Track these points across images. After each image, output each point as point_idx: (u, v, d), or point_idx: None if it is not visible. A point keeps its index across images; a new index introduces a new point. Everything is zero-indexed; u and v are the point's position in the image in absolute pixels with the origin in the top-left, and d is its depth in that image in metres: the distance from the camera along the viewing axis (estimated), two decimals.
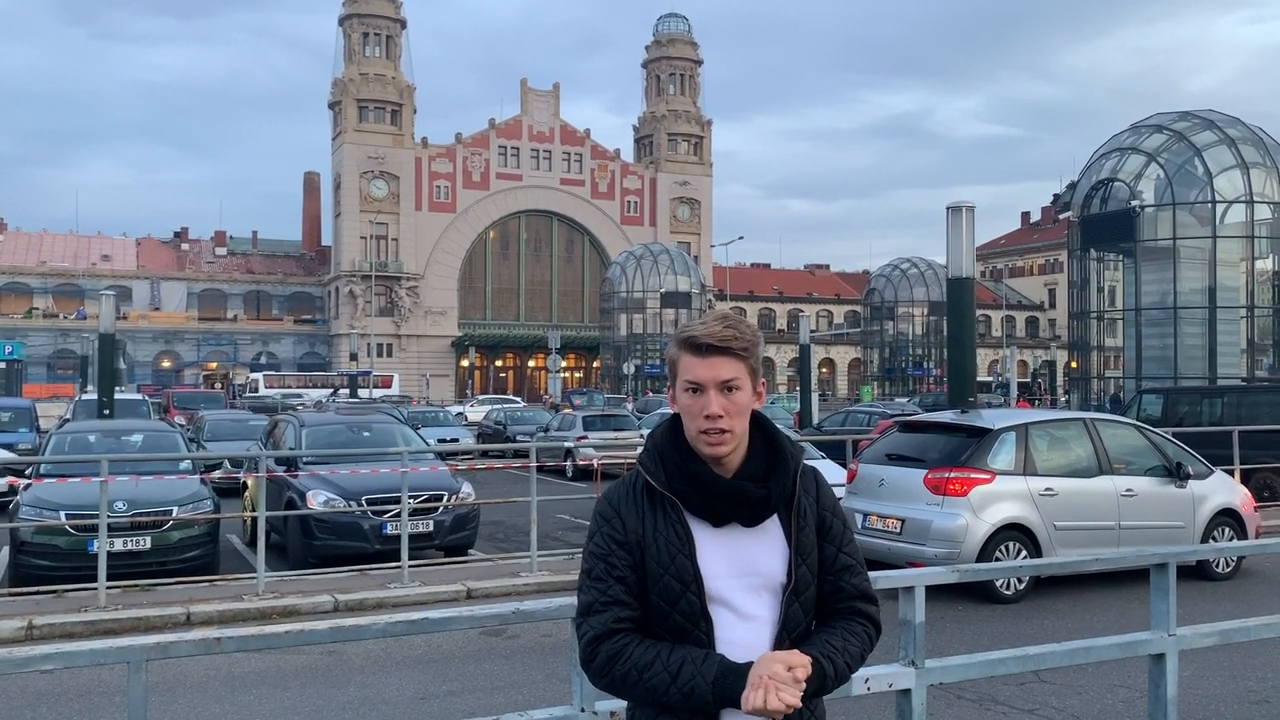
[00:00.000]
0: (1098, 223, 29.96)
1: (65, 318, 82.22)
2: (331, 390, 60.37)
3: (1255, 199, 27.48)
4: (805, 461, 2.36)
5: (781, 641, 2.20)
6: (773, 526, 2.26)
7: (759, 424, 2.30)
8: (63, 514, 10.53)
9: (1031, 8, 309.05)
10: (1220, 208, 27.68)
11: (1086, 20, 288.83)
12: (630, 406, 39.71)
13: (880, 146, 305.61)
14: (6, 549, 11.49)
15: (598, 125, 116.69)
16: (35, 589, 10.13)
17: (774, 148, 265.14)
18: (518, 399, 62.92)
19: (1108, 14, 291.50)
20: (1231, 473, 13.50)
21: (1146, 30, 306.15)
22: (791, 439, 2.37)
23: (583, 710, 3.30)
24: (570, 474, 23.47)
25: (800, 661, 2.07)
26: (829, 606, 2.31)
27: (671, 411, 2.33)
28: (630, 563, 2.23)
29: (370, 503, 11.76)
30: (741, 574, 2.22)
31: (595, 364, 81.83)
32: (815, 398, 35.42)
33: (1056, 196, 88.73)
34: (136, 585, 10.29)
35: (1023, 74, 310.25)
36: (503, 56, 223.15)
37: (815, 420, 30.08)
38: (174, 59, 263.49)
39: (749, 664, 2.10)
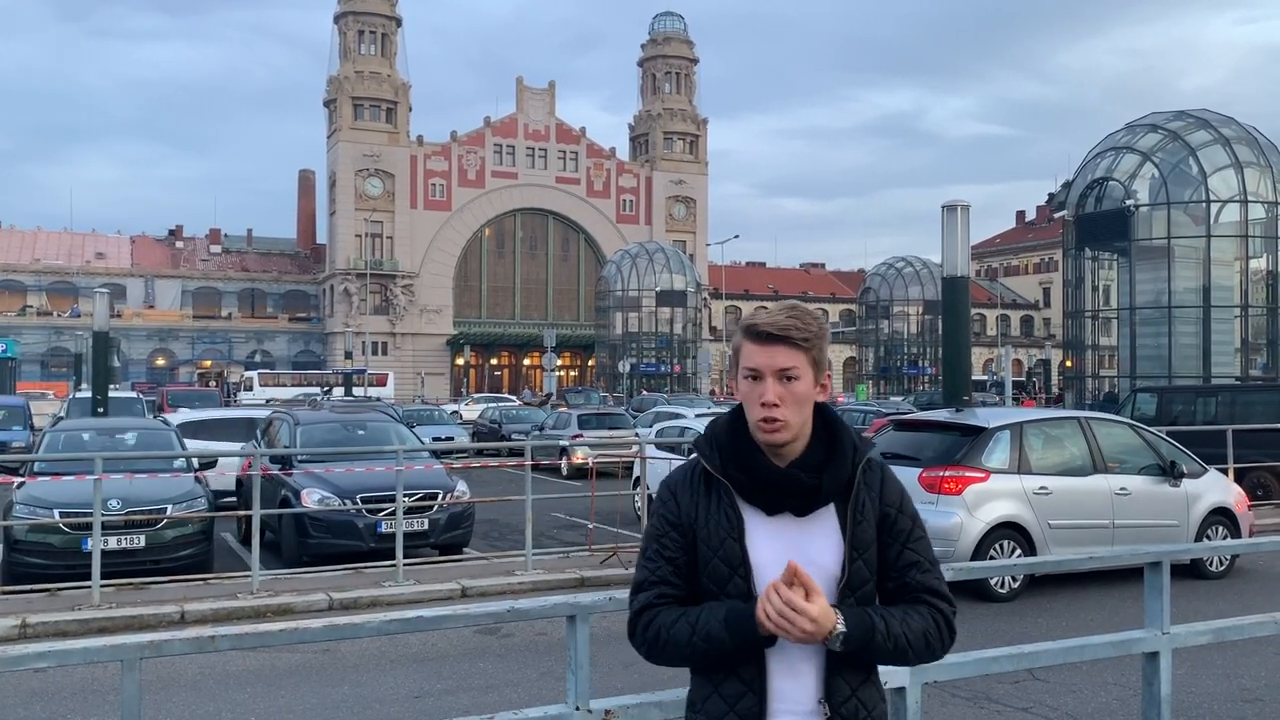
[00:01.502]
0: (1092, 222, 30.02)
1: (59, 315, 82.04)
2: (323, 390, 59.52)
3: (1249, 198, 27.54)
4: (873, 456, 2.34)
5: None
6: (829, 519, 2.25)
7: (823, 417, 2.30)
8: (56, 512, 10.51)
9: (1025, 7, 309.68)
10: (1215, 207, 27.73)
11: (1080, 20, 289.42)
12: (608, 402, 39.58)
13: (875, 145, 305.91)
14: (0, 547, 11.47)
15: (592, 123, 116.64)
16: (29, 587, 10.11)
17: (769, 146, 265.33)
18: (513, 397, 62.90)
19: (1101, 14, 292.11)
20: (1225, 472, 13.55)
21: (1139, 30, 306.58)
22: (859, 434, 2.35)
23: (577, 708, 3.29)
24: (565, 473, 23.47)
25: (808, 581, 2.08)
26: (893, 602, 2.27)
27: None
28: (682, 544, 2.28)
29: (365, 501, 11.75)
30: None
31: (590, 362, 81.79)
32: None
33: (1051, 196, 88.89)
34: (131, 584, 10.28)
35: (1016, 73, 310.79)
36: (497, 54, 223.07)
37: None
38: (167, 56, 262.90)
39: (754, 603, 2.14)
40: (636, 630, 2.27)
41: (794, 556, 2.20)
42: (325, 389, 59.47)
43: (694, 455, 2.36)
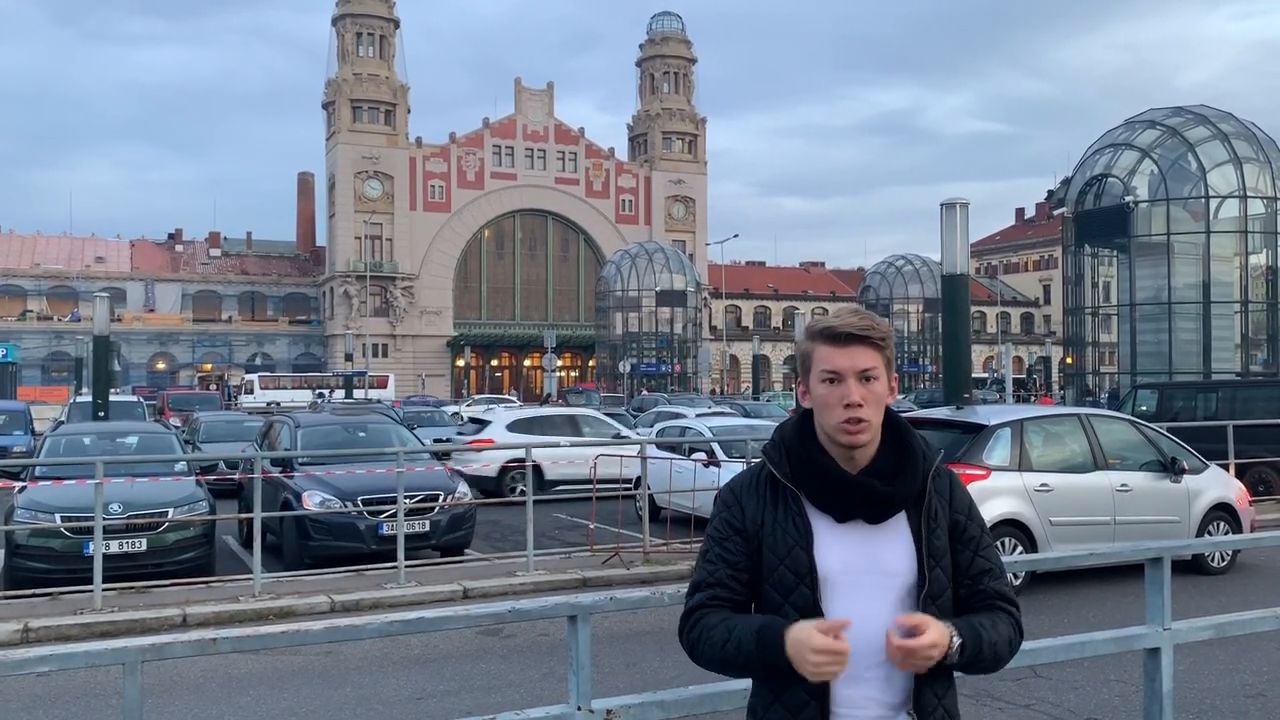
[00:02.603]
0: (1092, 219, 30.04)
1: (59, 320, 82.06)
2: (315, 394, 58.98)
3: (1248, 194, 27.57)
4: (940, 463, 2.33)
5: None
6: (901, 526, 2.23)
7: (891, 421, 2.28)
8: (58, 516, 10.50)
9: (1020, 4, 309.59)
10: (1214, 203, 27.76)
11: (1075, 16, 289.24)
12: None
13: (872, 144, 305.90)
14: (2, 552, 11.47)
15: (589, 124, 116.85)
16: (31, 592, 10.11)
17: (766, 145, 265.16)
18: (513, 398, 62.89)
19: (1097, 10, 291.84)
20: (1226, 467, 13.53)
21: (1136, 26, 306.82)
22: (926, 440, 2.33)
23: (579, 709, 3.29)
24: None
25: (919, 620, 2.07)
26: (967, 608, 2.27)
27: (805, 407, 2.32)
28: (745, 550, 2.26)
29: (366, 503, 11.74)
30: (867, 571, 2.20)
31: (591, 363, 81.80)
32: None
33: (1051, 193, 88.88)
34: (132, 587, 10.27)
35: (1013, 70, 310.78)
36: (492, 55, 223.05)
37: None
38: (164, 59, 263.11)
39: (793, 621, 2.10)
40: (684, 629, 2.26)
41: (866, 564, 2.20)
42: (318, 393, 59.14)
43: (759, 460, 2.34)
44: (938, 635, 2.06)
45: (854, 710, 2.17)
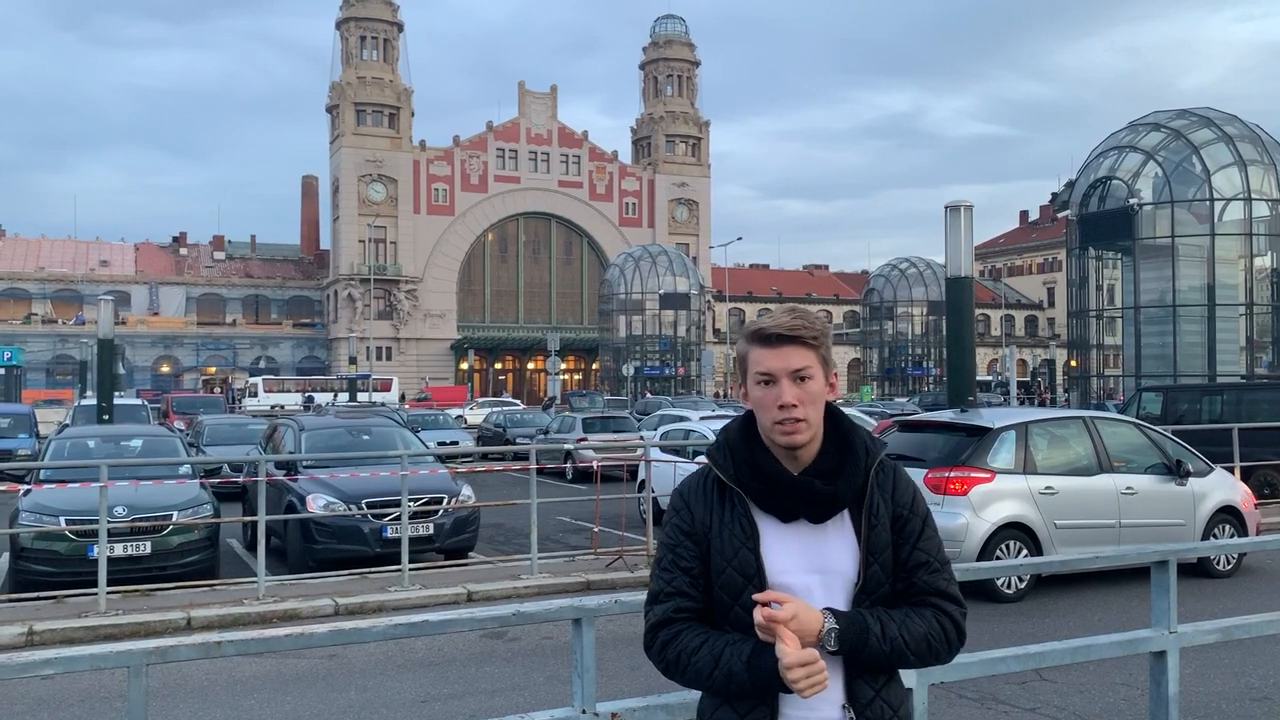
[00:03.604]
0: (1096, 221, 29.99)
1: (64, 323, 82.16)
2: (305, 398, 58.54)
3: (1253, 196, 27.50)
4: (885, 457, 2.31)
5: None
6: (844, 524, 2.24)
7: (833, 418, 2.28)
8: (62, 519, 10.51)
9: (1022, 7, 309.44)
10: (1218, 205, 27.71)
11: (1077, 19, 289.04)
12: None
13: (874, 147, 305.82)
14: (6, 555, 11.48)
15: (591, 127, 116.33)
16: (35, 595, 10.12)
17: (768, 148, 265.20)
18: (517, 401, 62.90)
19: (1098, 13, 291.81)
20: (1231, 470, 13.51)
21: (1138, 29, 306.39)
22: (870, 435, 2.33)
23: (583, 712, 3.29)
24: (570, 476, 23.45)
25: (776, 595, 2.08)
26: (903, 603, 2.25)
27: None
28: (697, 554, 2.25)
29: (370, 506, 11.74)
30: (813, 570, 2.21)
31: (595, 366, 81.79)
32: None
33: (1055, 195, 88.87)
34: (137, 590, 10.28)
35: (1014, 73, 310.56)
36: (495, 59, 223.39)
37: None
38: (166, 64, 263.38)
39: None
40: (654, 646, 2.23)
41: (811, 564, 2.20)
42: (307, 397, 58.81)
43: (705, 463, 2.34)
44: (799, 609, 2.06)
45: (804, 711, 2.16)
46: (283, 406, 55.70)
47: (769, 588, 2.17)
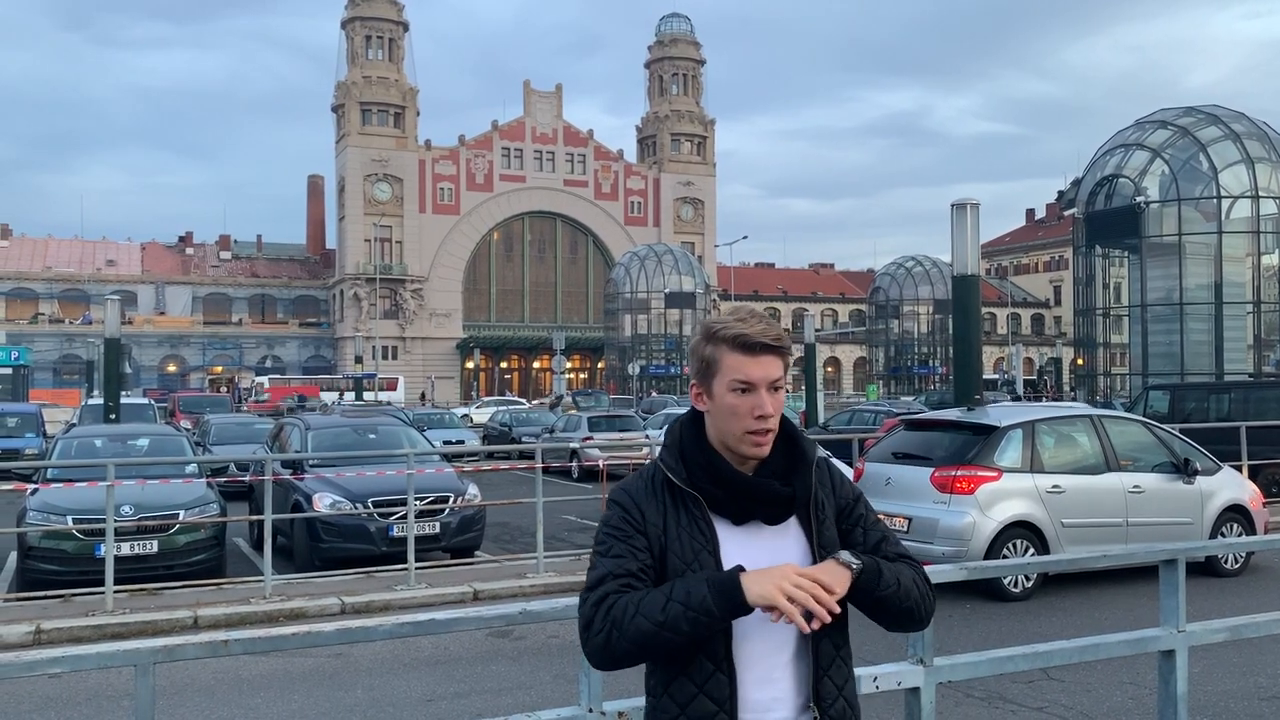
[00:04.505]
0: (1103, 219, 29.92)
1: (71, 323, 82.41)
2: (298, 400, 58.38)
3: (1260, 194, 27.41)
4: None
5: (819, 639, 2.17)
6: (792, 523, 2.24)
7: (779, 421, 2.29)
8: (70, 518, 10.54)
9: (1025, 5, 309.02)
10: (1225, 203, 27.61)
11: (1082, 18, 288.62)
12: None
13: (879, 145, 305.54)
14: (14, 554, 11.51)
15: (596, 126, 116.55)
16: (43, 594, 10.15)
17: (772, 147, 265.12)
18: (522, 400, 62.92)
19: (1103, 11, 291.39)
20: (1239, 468, 13.47)
21: (1143, 27, 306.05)
22: (806, 435, 2.35)
23: (590, 710, 3.28)
24: (576, 475, 23.46)
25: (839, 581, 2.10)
26: None
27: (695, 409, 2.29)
28: (651, 550, 2.21)
29: (376, 505, 11.75)
30: None
31: (600, 365, 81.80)
32: (821, 397, 35.40)
33: (1061, 193, 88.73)
34: (143, 589, 10.30)
35: (1019, 72, 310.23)
36: (499, 59, 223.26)
37: (821, 419, 30.07)
38: (171, 64, 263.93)
39: (739, 568, 2.08)
40: (593, 616, 2.08)
41: (767, 564, 2.16)
42: (298, 399, 58.55)
43: (650, 465, 2.29)
44: (830, 567, 2.11)
45: (763, 714, 2.15)
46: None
47: None
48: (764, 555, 2.18)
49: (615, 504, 2.25)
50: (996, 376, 68.90)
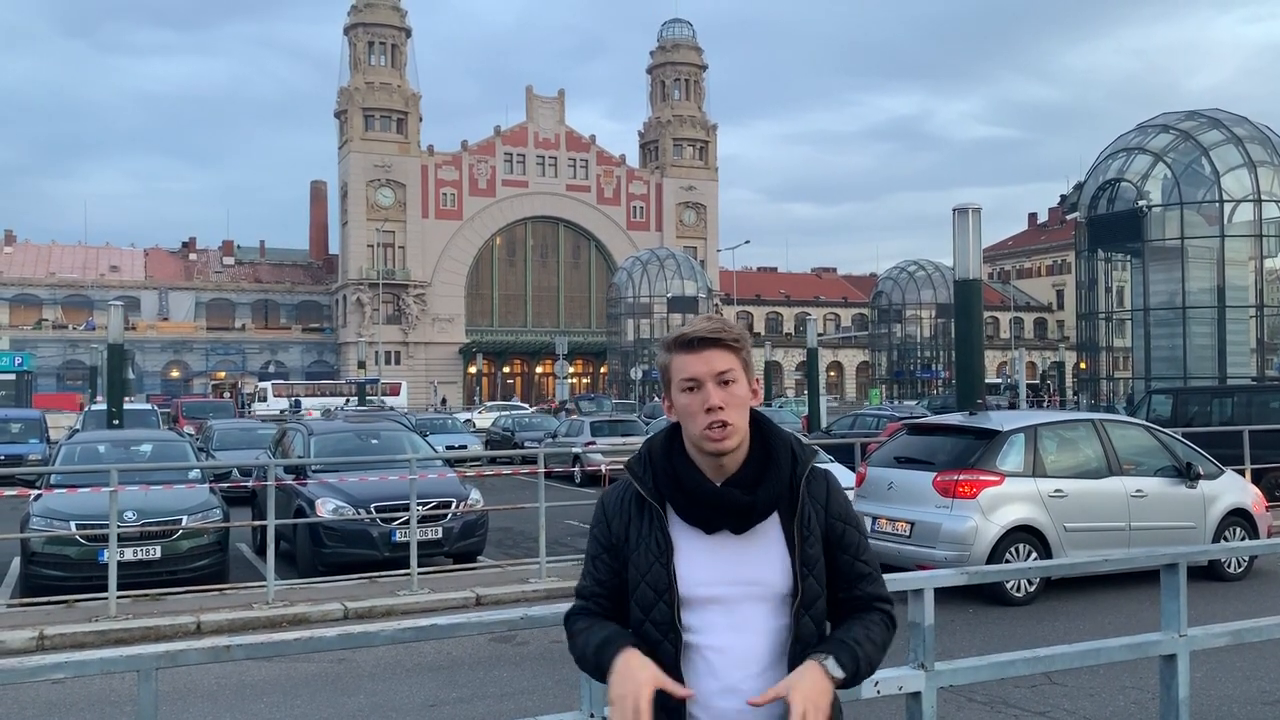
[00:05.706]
0: (1105, 223, 29.89)
1: (74, 328, 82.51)
2: (291, 404, 58.34)
3: (1263, 198, 27.36)
4: (817, 465, 2.28)
5: (796, 655, 2.14)
6: (773, 534, 2.19)
7: (758, 425, 2.24)
8: (73, 524, 10.55)
9: (1028, 9, 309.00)
10: (1228, 207, 27.57)
11: (1084, 21, 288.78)
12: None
13: (881, 149, 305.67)
14: (17, 559, 11.53)
15: (598, 131, 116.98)
16: (46, 599, 10.16)
17: (774, 151, 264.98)
18: (525, 405, 62.92)
19: (1105, 15, 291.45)
20: (1242, 473, 13.45)
21: (1144, 31, 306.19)
22: (800, 441, 2.30)
23: (591, 716, 3.28)
24: (578, 480, 23.47)
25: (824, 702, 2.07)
26: (844, 611, 2.25)
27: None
28: (612, 568, 2.26)
29: (379, 510, 11.76)
30: (736, 582, 2.17)
31: (603, 369, 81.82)
32: (823, 401, 35.38)
33: (1063, 198, 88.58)
34: (147, 595, 10.32)
35: (1021, 76, 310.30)
36: (501, 64, 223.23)
37: (824, 423, 30.05)
38: (174, 70, 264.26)
39: (627, 634, 2.16)
40: (566, 628, 2.34)
41: (735, 575, 2.16)
42: (294, 401, 58.54)
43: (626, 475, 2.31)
44: (809, 688, 2.04)
45: None
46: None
47: (687, 601, 2.16)
48: (729, 566, 2.16)
49: (594, 515, 2.37)
50: (999, 381, 68.85)
